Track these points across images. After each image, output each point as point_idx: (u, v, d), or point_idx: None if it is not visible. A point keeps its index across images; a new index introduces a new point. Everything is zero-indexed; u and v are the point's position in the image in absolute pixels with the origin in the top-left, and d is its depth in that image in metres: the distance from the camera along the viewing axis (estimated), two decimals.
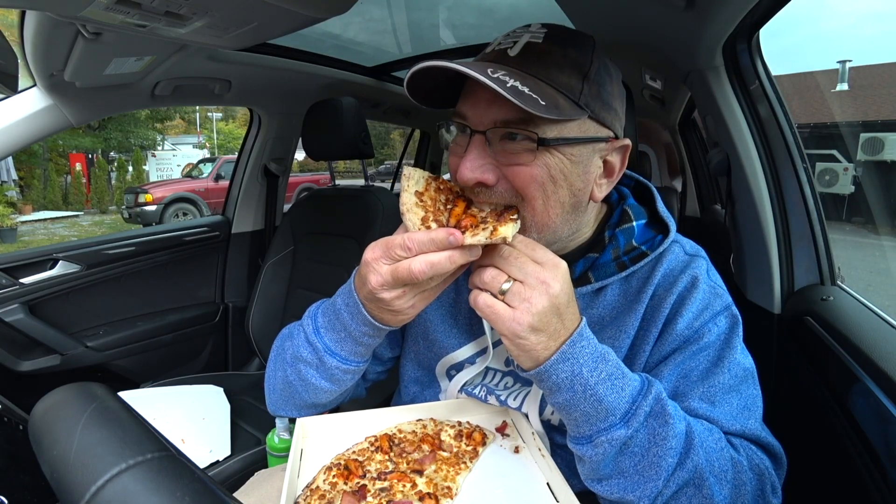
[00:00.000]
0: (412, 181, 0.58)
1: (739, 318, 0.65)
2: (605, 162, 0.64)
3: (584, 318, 0.55)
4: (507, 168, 0.58)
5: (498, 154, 0.58)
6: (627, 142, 0.64)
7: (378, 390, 0.95)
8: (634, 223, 0.68)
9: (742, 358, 0.63)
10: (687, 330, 0.62)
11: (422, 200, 0.58)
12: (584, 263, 0.67)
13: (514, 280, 0.51)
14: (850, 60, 8.22)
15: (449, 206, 0.60)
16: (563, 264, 0.53)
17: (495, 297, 0.52)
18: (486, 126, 0.58)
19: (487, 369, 0.74)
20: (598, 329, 0.66)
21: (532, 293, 0.50)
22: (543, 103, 0.53)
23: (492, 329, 0.72)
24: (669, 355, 0.63)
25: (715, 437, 0.58)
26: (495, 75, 0.53)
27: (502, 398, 0.70)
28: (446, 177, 0.66)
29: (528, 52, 0.58)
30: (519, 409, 0.69)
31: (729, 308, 0.65)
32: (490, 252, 0.53)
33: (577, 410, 0.54)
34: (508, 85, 0.52)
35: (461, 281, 0.75)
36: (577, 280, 0.67)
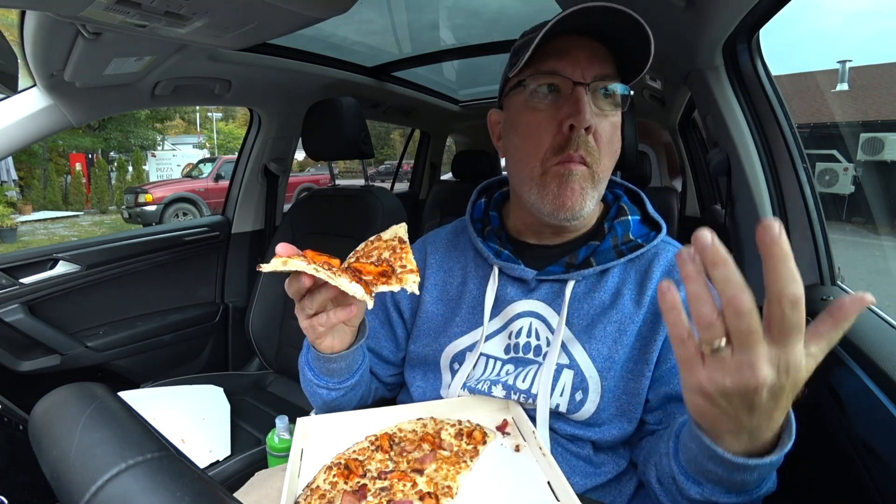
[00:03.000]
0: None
1: None
2: None
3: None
4: (598, 119, 0.67)
5: (593, 106, 0.66)
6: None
7: None
8: (630, 217, 0.75)
9: None
10: None
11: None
12: (586, 250, 0.74)
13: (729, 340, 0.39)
14: (850, 60, 8.22)
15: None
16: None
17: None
18: (587, 80, 0.65)
19: (488, 359, 0.75)
20: (600, 312, 0.70)
21: (748, 372, 0.39)
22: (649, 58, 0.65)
23: (490, 319, 0.75)
24: None
25: None
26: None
27: (509, 383, 0.71)
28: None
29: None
30: (528, 390, 0.69)
31: None
32: None
33: (713, 476, 0.48)
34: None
35: (469, 272, 0.81)
36: (580, 264, 0.72)
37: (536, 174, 0.69)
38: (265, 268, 0.52)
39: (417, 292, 0.58)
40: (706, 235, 0.36)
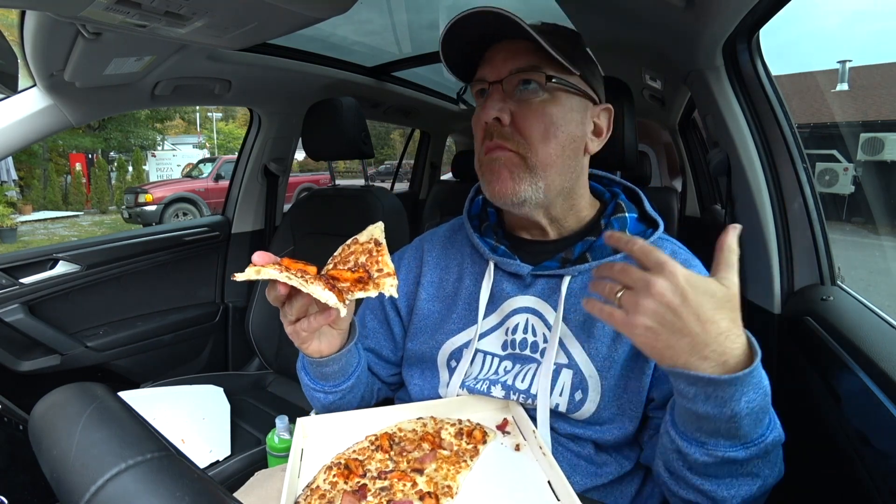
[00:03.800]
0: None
1: None
2: (595, 124, 0.75)
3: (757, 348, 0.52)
4: (517, 112, 0.69)
5: (511, 100, 0.69)
6: (610, 106, 0.76)
7: None
8: (627, 215, 0.75)
9: None
10: None
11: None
12: (582, 245, 0.74)
13: (626, 288, 0.52)
14: (850, 60, 8.22)
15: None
16: (672, 263, 0.49)
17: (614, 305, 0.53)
18: (502, 76, 0.69)
19: (485, 356, 0.75)
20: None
21: (637, 297, 0.50)
22: (551, 49, 0.65)
23: (487, 315, 0.75)
24: None
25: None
26: (517, 17, 0.64)
27: (508, 383, 0.71)
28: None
29: (532, 27, 0.70)
30: (528, 390, 0.69)
31: None
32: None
33: (709, 424, 0.53)
34: (529, 26, 0.63)
35: (465, 269, 0.80)
36: (576, 260, 0.73)
37: (478, 168, 0.75)
38: (239, 277, 0.53)
39: (396, 295, 0.58)
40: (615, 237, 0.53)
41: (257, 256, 0.56)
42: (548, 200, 0.71)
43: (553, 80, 0.68)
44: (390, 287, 0.58)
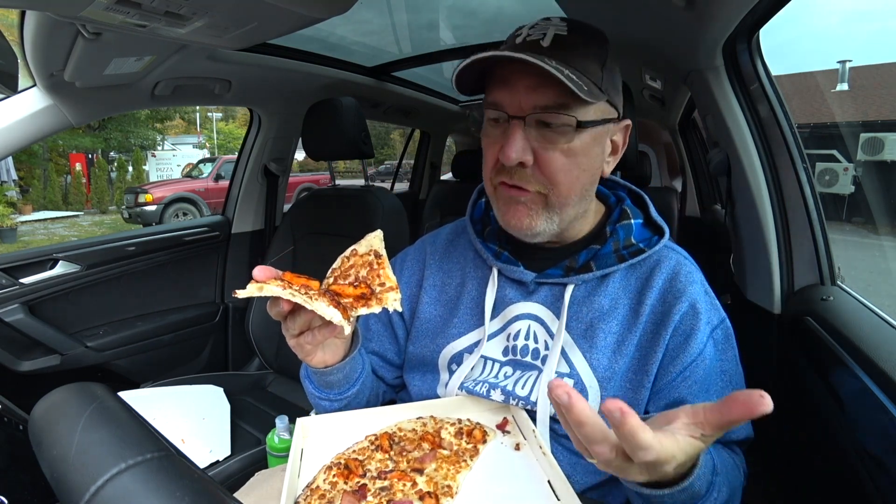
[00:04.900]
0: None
1: (731, 327, 0.71)
2: (612, 141, 0.71)
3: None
4: (542, 152, 0.64)
5: (534, 139, 0.64)
6: (629, 122, 0.72)
7: None
8: (632, 221, 0.74)
9: (738, 367, 0.69)
10: (698, 346, 0.66)
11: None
12: (587, 254, 0.72)
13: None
14: (850, 60, 8.22)
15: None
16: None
17: None
18: (525, 112, 0.63)
19: (486, 360, 0.75)
20: (599, 317, 0.70)
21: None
22: (586, 88, 0.60)
23: (491, 319, 0.75)
24: (687, 367, 0.66)
25: (738, 477, 0.61)
26: (549, 63, 0.58)
27: (508, 388, 0.70)
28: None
29: (559, 43, 0.63)
30: (527, 397, 0.69)
31: (724, 321, 0.70)
32: None
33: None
34: (565, 73, 0.58)
35: (468, 273, 0.80)
36: (580, 268, 0.72)
37: (490, 190, 0.73)
38: (240, 294, 0.51)
39: (400, 309, 0.58)
40: (564, 398, 0.41)
41: (258, 272, 0.54)
42: (560, 229, 0.70)
43: (584, 124, 0.64)
44: (393, 301, 0.58)
